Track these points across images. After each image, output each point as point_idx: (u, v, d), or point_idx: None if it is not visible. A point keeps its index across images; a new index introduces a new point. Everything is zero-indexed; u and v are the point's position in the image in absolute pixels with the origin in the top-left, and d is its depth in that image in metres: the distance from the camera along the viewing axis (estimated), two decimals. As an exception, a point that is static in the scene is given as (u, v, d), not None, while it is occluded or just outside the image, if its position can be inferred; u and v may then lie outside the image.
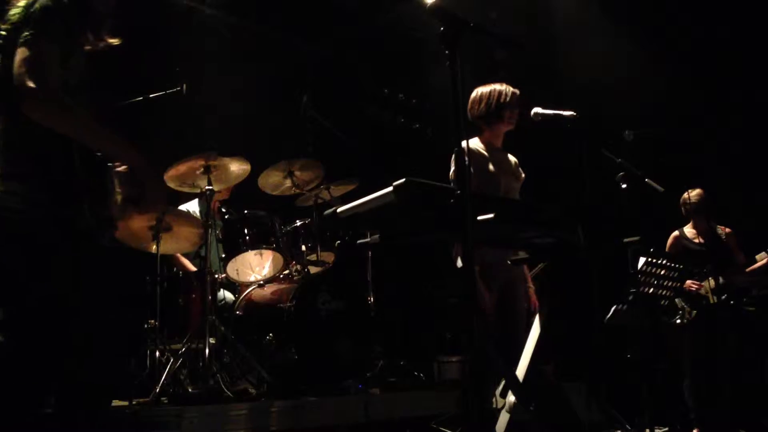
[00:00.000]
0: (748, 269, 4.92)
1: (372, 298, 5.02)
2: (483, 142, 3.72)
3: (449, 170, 3.42)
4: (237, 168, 4.57)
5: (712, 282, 4.89)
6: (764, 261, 4.86)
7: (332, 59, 6.62)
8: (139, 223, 4.38)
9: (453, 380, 5.31)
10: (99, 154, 2.18)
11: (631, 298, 3.57)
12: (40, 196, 2.06)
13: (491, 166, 3.63)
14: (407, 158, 6.00)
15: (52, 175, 2.08)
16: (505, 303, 3.61)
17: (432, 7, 2.07)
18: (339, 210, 2.48)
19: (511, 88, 3.69)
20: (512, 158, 3.81)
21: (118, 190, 2.24)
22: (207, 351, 4.04)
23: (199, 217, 4.75)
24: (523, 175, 3.83)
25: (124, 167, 2.22)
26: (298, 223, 4.83)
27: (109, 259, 2.20)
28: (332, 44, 6.48)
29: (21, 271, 2.03)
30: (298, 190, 4.93)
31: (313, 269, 4.74)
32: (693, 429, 5.03)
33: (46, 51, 2.04)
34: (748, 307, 4.82)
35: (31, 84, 1.98)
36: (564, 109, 3.51)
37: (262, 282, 4.74)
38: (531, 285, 3.73)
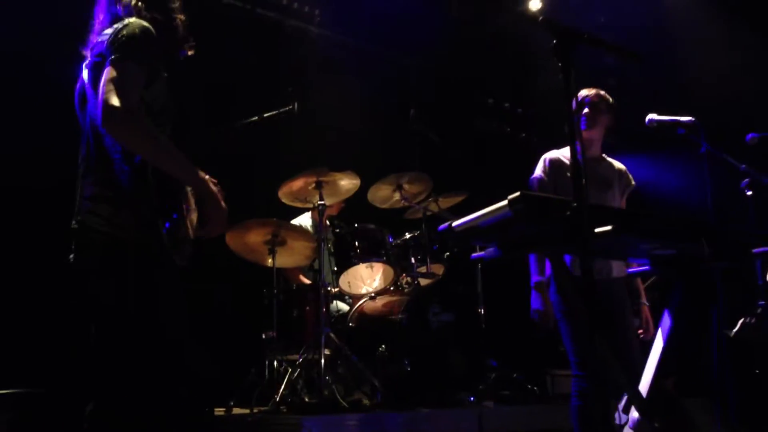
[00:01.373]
0: None
1: (482, 311, 4.99)
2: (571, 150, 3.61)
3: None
4: (347, 182, 4.68)
5: None
6: None
7: (436, 70, 6.65)
8: (255, 238, 4.57)
9: (566, 394, 5.19)
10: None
11: (760, 311, 3.38)
12: (125, 219, 2.13)
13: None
14: (514, 168, 5.94)
15: (135, 198, 2.15)
16: (613, 316, 3.50)
17: (544, 20, 2.06)
18: (454, 224, 2.49)
19: (602, 93, 3.57)
20: (616, 165, 3.66)
21: (193, 211, 2.30)
22: (322, 362, 4.15)
23: (312, 232, 4.89)
24: (633, 184, 3.68)
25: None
26: (408, 235, 4.88)
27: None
28: (435, 56, 6.50)
29: (106, 294, 2.11)
30: (406, 203, 4.98)
31: (423, 281, 4.77)
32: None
33: (131, 72, 2.09)
34: None
35: (114, 102, 2.01)
36: (682, 115, 3.40)
37: (373, 294, 4.81)
38: (645, 300, 3.60)
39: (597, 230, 2.36)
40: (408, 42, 6.26)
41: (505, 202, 2.26)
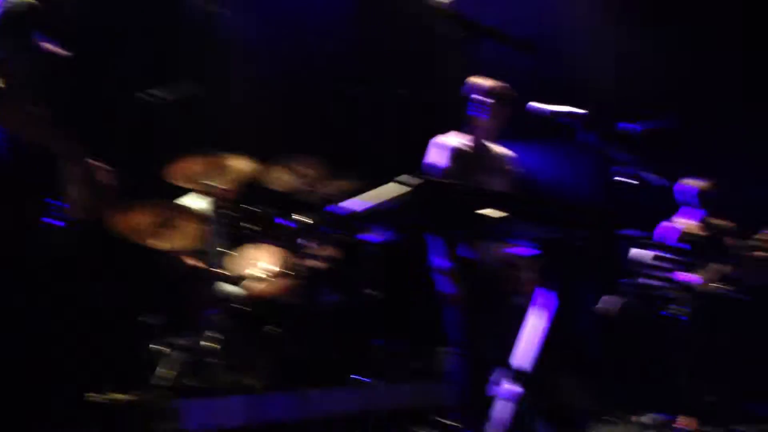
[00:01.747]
0: (746, 260, 5.01)
1: (374, 292, 5.06)
2: (474, 136, 3.76)
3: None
4: (242, 165, 4.63)
5: (712, 273, 4.98)
6: (761, 253, 4.96)
7: (339, 57, 6.62)
8: (141, 219, 4.43)
9: (451, 371, 5.38)
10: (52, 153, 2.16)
11: (626, 289, 3.65)
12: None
13: (478, 162, 3.67)
14: (411, 154, 6.05)
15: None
16: (499, 296, 3.67)
17: (448, 11, 2.13)
18: (348, 207, 2.54)
19: (506, 86, 3.74)
20: (506, 152, 3.84)
21: (76, 189, 2.23)
22: (209, 345, 4.10)
23: (204, 213, 4.79)
24: (519, 171, 3.88)
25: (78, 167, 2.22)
26: (302, 218, 4.88)
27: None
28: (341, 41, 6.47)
29: None
30: (302, 186, 4.98)
31: (315, 264, 4.79)
32: (687, 417, 5.14)
33: None
34: (742, 297, 4.92)
35: None
36: (564, 104, 3.58)
37: (263, 276, 4.79)
38: (527, 277, 3.80)
39: (487, 214, 2.49)
40: (312, 25, 6.20)
41: (399, 186, 2.33)
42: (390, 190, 2.38)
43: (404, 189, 2.26)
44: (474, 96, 3.72)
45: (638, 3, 6.05)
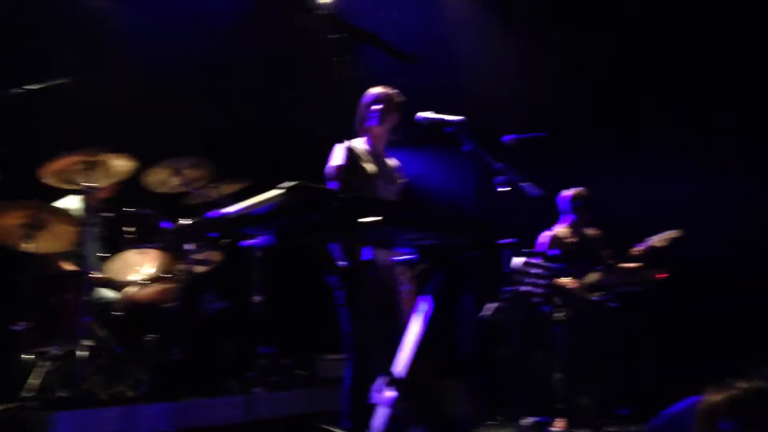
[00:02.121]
0: (616, 268, 5.28)
1: (258, 298, 5.00)
2: (366, 142, 3.80)
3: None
4: (121, 165, 4.44)
5: (583, 280, 5.22)
6: (631, 263, 5.24)
7: (224, 58, 6.51)
8: (10, 220, 4.17)
9: (336, 378, 5.38)
10: None
11: (506, 296, 3.76)
12: None
13: (370, 168, 3.72)
14: (300, 159, 6.01)
15: None
16: (385, 302, 3.71)
17: (326, 14, 2.13)
18: (227, 210, 2.49)
19: (394, 92, 3.80)
20: (394, 161, 3.92)
21: None
22: (82, 353, 3.91)
23: (79, 215, 4.57)
24: (405, 179, 3.95)
25: None
26: (185, 221, 4.75)
27: None
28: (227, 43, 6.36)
29: None
30: (185, 189, 4.85)
31: (198, 269, 4.68)
32: (560, 419, 5.36)
33: None
34: (612, 303, 5.19)
35: None
36: (448, 114, 3.66)
37: (144, 281, 4.63)
38: (412, 285, 3.86)
39: (365, 220, 2.50)
40: (197, 25, 6.06)
41: (279, 191, 2.31)
42: (269, 195, 2.35)
43: (278, 193, 2.24)
44: (364, 102, 3.77)
45: (523, 19, 6.28)
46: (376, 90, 3.83)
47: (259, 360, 4.90)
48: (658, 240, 5.15)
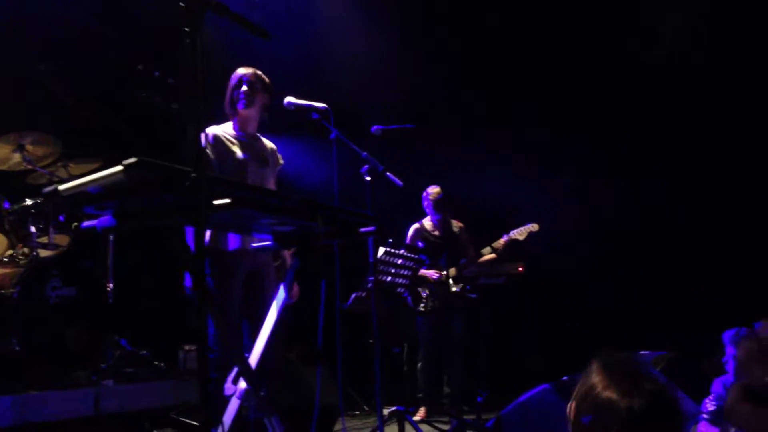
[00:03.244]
0: (478, 261, 5.42)
1: (111, 286, 4.72)
2: (233, 126, 3.68)
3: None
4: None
5: (451, 271, 5.32)
6: (490, 255, 5.39)
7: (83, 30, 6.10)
8: None
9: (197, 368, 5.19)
10: None
11: (369, 285, 3.74)
12: None
13: (239, 152, 3.60)
14: (160, 139, 5.73)
15: None
16: (250, 289, 3.61)
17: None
18: (61, 187, 2.30)
19: (259, 73, 3.69)
20: (268, 144, 3.80)
21: None
22: None
23: None
24: (282, 162, 3.85)
25: None
26: (28, 202, 4.38)
27: None
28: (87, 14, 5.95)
29: None
30: (29, 166, 4.50)
31: (43, 253, 4.35)
32: (421, 407, 5.45)
33: None
34: (472, 294, 5.31)
35: None
36: (317, 101, 3.60)
37: (-17, 265, 4.25)
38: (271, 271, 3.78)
39: (216, 202, 2.38)
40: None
41: (119, 168, 2.14)
42: (106, 172, 2.18)
43: (117, 170, 2.08)
44: (231, 84, 3.65)
45: (395, 12, 6.30)
46: (240, 71, 3.70)
47: (112, 351, 4.64)
48: (517, 233, 5.32)
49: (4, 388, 3.74)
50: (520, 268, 5.29)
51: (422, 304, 5.35)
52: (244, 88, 3.61)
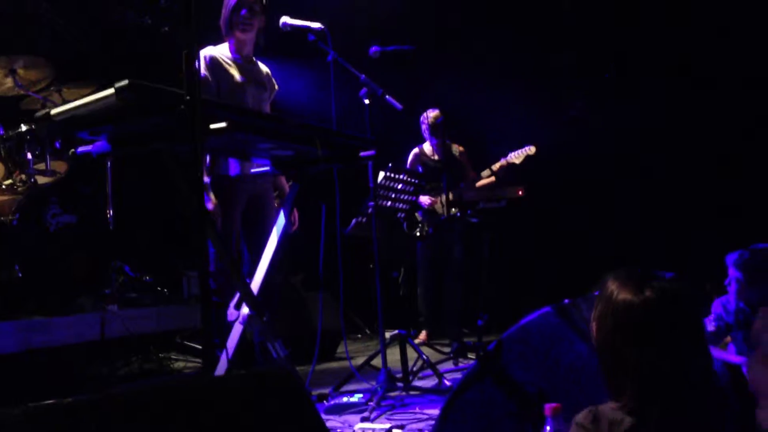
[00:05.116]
0: (477, 184, 5.39)
1: (111, 212, 4.71)
2: (230, 49, 3.59)
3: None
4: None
5: (445, 196, 5.29)
6: (490, 178, 5.36)
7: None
8: None
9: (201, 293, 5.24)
10: None
11: (369, 210, 3.72)
12: None
13: (237, 75, 3.52)
14: (153, 62, 5.61)
15: None
16: (250, 216, 3.59)
17: None
18: (53, 112, 2.25)
19: None
20: (263, 68, 3.72)
21: None
22: None
23: None
24: (276, 87, 3.78)
25: None
26: (24, 128, 4.32)
27: None
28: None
29: None
30: (22, 91, 4.41)
31: (41, 180, 4.32)
32: (422, 331, 5.53)
33: None
34: (472, 218, 5.30)
35: None
36: (312, 21, 3.49)
37: (-20, 193, 4.23)
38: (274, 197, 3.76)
39: (212, 126, 2.33)
40: None
41: (111, 90, 2.09)
42: (98, 96, 2.13)
43: (109, 93, 2.03)
44: (229, 6, 3.53)
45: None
46: None
47: (116, 277, 4.67)
48: (515, 156, 5.27)
49: (7, 315, 3.78)
50: (520, 192, 5.26)
51: (418, 229, 5.36)
52: (245, 11, 3.49)
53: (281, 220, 3.00)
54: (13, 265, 4.01)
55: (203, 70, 3.41)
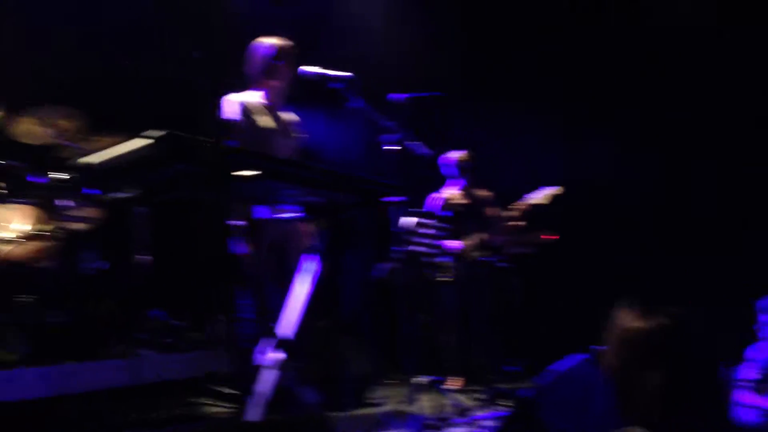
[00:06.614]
0: (506, 228, 5.37)
1: (144, 257, 4.78)
2: (264, 96, 3.67)
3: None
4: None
5: (473, 241, 5.28)
6: (518, 222, 5.34)
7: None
8: None
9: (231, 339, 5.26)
10: None
11: (396, 256, 3.73)
12: None
13: (267, 123, 3.59)
14: (185, 113, 5.75)
15: None
16: (279, 260, 3.63)
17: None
18: (91, 160, 2.32)
19: (288, 43, 3.67)
20: (291, 116, 3.80)
21: None
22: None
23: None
24: (301, 135, 3.85)
25: None
26: (60, 175, 4.44)
27: None
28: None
29: None
30: (57, 140, 4.55)
31: (75, 226, 4.42)
32: (453, 377, 5.47)
33: None
34: (502, 263, 5.28)
35: None
36: (336, 69, 3.56)
37: (18, 239, 4.32)
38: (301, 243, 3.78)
39: (243, 174, 2.38)
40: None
41: (147, 140, 2.16)
42: (133, 145, 2.20)
43: (146, 142, 2.09)
44: (262, 54, 3.62)
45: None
46: (272, 41, 3.67)
47: (146, 322, 4.72)
48: (540, 196, 5.24)
49: (41, 359, 3.83)
50: (550, 236, 5.23)
51: (445, 275, 5.35)
52: (283, 60, 3.60)
53: (312, 264, 3.02)
54: (49, 309, 4.08)
55: (237, 116, 3.49)
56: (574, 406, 2.01)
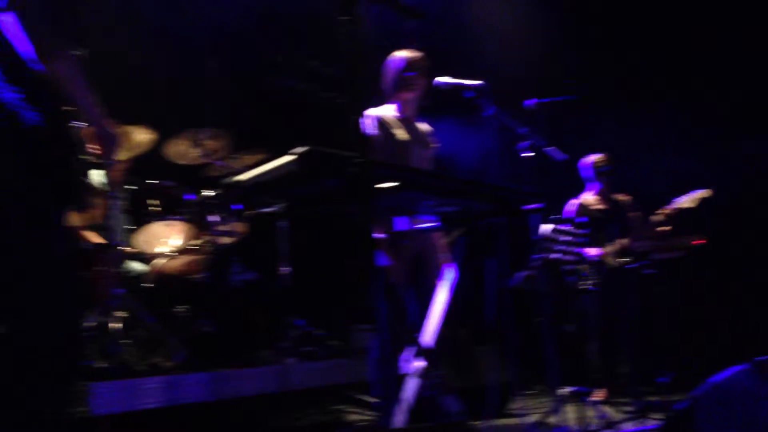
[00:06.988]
0: (650, 233, 5.12)
1: (287, 269, 4.98)
2: (397, 109, 3.72)
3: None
4: (141, 136, 4.43)
5: (614, 247, 5.07)
6: (663, 227, 5.07)
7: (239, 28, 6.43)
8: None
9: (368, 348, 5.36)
10: None
11: (535, 264, 3.66)
12: None
13: (402, 135, 3.64)
14: (322, 127, 5.94)
15: None
16: (418, 269, 3.65)
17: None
18: (239, 178, 2.44)
19: (418, 55, 3.69)
20: (425, 127, 3.83)
21: None
22: (115, 325, 3.94)
23: (104, 188, 4.58)
24: (436, 145, 3.87)
25: None
26: (208, 192, 4.73)
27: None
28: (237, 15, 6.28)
29: None
30: (206, 160, 4.83)
31: (224, 240, 4.67)
32: (597, 388, 5.27)
33: None
34: (646, 270, 5.03)
35: None
36: (468, 78, 3.55)
37: (172, 253, 4.63)
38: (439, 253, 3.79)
39: (382, 186, 2.42)
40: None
41: (292, 156, 2.24)
42: (281, 162, 2.29)
43: (291, 158, 2.17)
44: (394, 68, 3.68)
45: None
46: (404, 54, 3.72)
47: (291, 331, 4.90)
48: (685, 201, 4.94)
49: (201, 366, 4.08)
50: (699, 240, 4.93)
51: (585, 282, 5.16)
52: (416, 73, 3.64)
53: (451, 273, 3.02)
54: (204, 320, 4.32)
55: (373, 130, 3.56)
56: (736, 419, 1.88)
